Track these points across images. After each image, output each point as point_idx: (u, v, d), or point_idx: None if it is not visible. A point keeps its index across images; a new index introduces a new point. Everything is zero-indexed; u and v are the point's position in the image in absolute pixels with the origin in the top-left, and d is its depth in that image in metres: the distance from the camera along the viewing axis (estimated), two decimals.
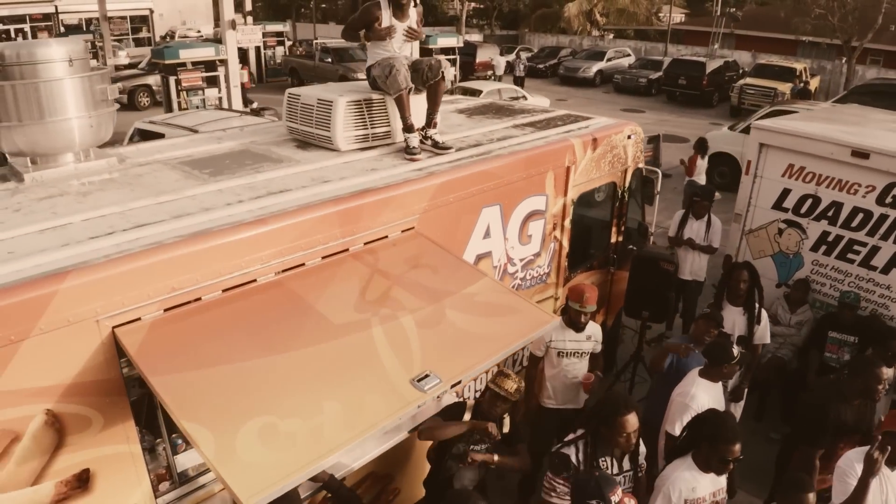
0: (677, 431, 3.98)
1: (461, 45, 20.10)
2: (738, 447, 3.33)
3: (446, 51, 19.47)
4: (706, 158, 11.53)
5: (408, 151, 4.07)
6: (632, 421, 3.26)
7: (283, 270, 2.98)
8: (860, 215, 5.91)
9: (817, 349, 6.02)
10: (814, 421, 4.42)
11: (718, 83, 23.81)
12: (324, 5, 40.85)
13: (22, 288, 2.29)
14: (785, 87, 20.90)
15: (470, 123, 5.20)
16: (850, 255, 6.07)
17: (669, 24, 30.61)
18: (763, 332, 5.31)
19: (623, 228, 5.88)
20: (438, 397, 3.12)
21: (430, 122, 4.28)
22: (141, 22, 35.29)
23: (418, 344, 2.70)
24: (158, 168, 3.71)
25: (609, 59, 28.50)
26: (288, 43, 30.79)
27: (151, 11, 36.16)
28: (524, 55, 25.98)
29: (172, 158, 3.92)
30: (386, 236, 3.44)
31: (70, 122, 3.45)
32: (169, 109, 13.68)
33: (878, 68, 23.98)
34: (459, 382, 2.62)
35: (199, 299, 2.69)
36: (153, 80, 18.90)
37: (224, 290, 2.77)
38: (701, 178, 11.21)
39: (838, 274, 6.19)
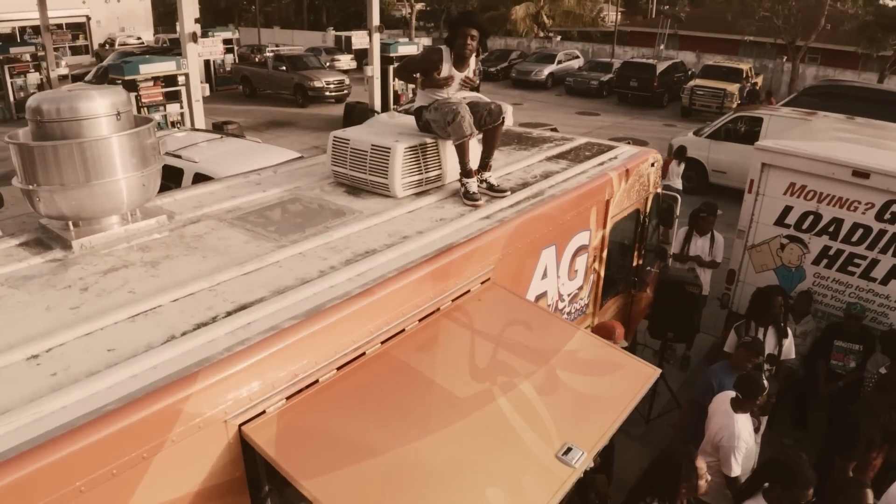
0: (736, 473, 4.13)
1: (421, 51, 19.96)
2: (811, 491, 3.47)
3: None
4: (682, 165, 11.89)
5: (468, 197, 4.01)
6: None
7: (387, 339, 2.90)
8: (860, 230, 6.21)
9: (823, 357, 6.33)
10: (846, 435, 4.66)
11: (668, 84, 24.57)
12: (268, 8, 39.94)
13: (152, 398, 2.09)
14: (733, 88, 21.74)
15: (501, 157, 5.18)
16: (850, 268, 6.38)
17: (616, 26, 31.36)
18: (789, 348, 5.53)
19: (643, 252, 5.99)
20: None
21: (485, 165, 4.23)
22: (77, 29, 33.64)
23: (546, 413, 2.67)
24: (215, 226, 3.53)
25: (560, 62, 28.96)
26: (238, 50, 29.95)
27: (88, 18, 34.53)
28: (480, 62, 26.00)
29: (222, 212, 3.74)
30: (468, 290, 3.40)
31: (119, 184, 3.19)
32: None
33: (817, 66, 25.24)
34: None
35: (316, 381, 2.59)
36: None
37: (338, 369, 2.67)
38: (676, 183, 11.54)
39: (839, 286, 6.50)
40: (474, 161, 4.18)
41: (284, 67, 22.41)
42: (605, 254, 5.05)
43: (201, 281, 2.83)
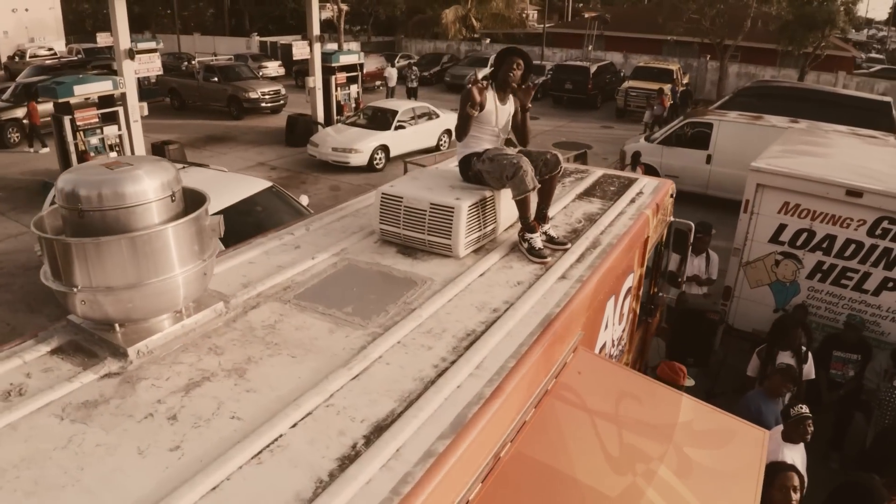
0: None
1: (362, 60, 19.54)
2: None
3: (348, 69, 18.90)
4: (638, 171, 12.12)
5: (534, 254, 3.83)
6: None
7: (514, 437, 2.69)
8: (852, 246, 6.50)
9: (823, 368, 6.58)
10: (880, 454, 4.85)
11: (601, 86, 25.23)
12: (185, 13, 37.91)
13: None
14: (665, 89, 22.53)
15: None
16: (843, 281, 6.66)
17: (545, 28, 31.88)
18: (809, 369, 5.70)
19: (658, 280, 6.01)
20: None
21: (543, 217, 4.07)
22: None
23: (695, 499, 2.55)
24: (282, 311, 3.17)
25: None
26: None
27: None
28: (416, 67, 25.78)
29: (278, 290, 3.39)
30: (566, 363, 3.23)
31: (177, 280, 2.72)
32: (64, 155, 12.07)
33: (738, 64, 26.53)
34: None
35: (468, 502, 2.35)
36: (22, 111, 16.57)
37: (482, 482, 2.44)
38: None
39: (833, 298, 6.78)
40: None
41: (216, 79, 21.40)
42: (640, 292, 5.02)
43: (311, 393, 2.50)
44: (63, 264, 2.60)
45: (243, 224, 8.21)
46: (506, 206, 4.16)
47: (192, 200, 2.99)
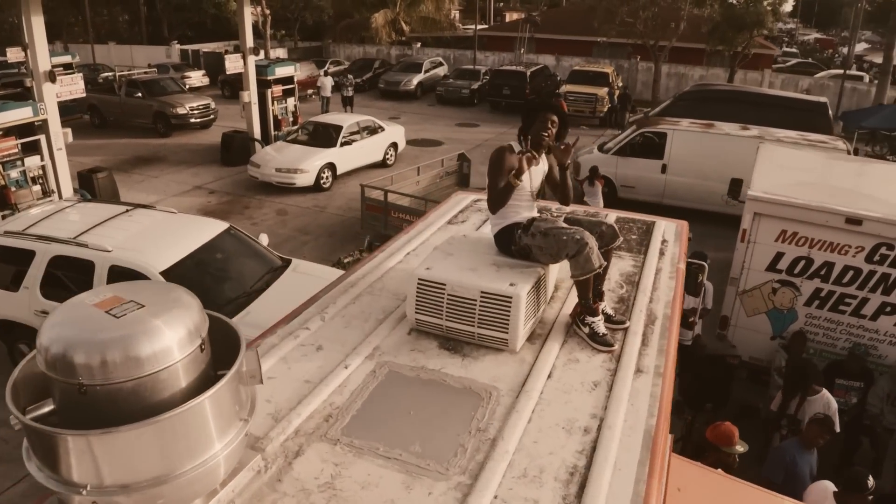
0: None
1: (297, 71, 18.63)
2: None
3: (284, 81, 17.95)
4: (595, 184, 12.02)
5: (599, 341, 3.35)
6: None
7: None
8: (850, 272, 6.44)
9: None
10: None
11: (537, 90, 25.18)
12: (98, 19, 35.14)
13: None
14: (603, 92, 22.73)
15: None
16: (841, 307, 6.60)
17: (476, 31, 31.64)
18: (834, 418, 5.55)
19: None
20: None
21: (600, 294, 3.64)
22: None
23: None
24: (331, 456, 2.54)
25: (427, 71, 28.68)
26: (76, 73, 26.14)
27: None
28: (352, 76, 24.92)
29: (318, 421, 2.75)
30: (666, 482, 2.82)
31: (217, 458, 2.04)
32: None
33: (667, 64, 27.01)
34: None
35: None
36: None
37: None
38: (596, 203, 11.67)
39: (830, 324, 6.71)
40: None
41: (140, 94, 19.89)
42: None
43: None
44: (62, 458, 1.89)
45: (203, 275, 7.42)
46: (552, 282, 3.71)
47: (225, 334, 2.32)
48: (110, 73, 25.30)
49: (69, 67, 21.43)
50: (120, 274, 6.85)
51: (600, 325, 3.41)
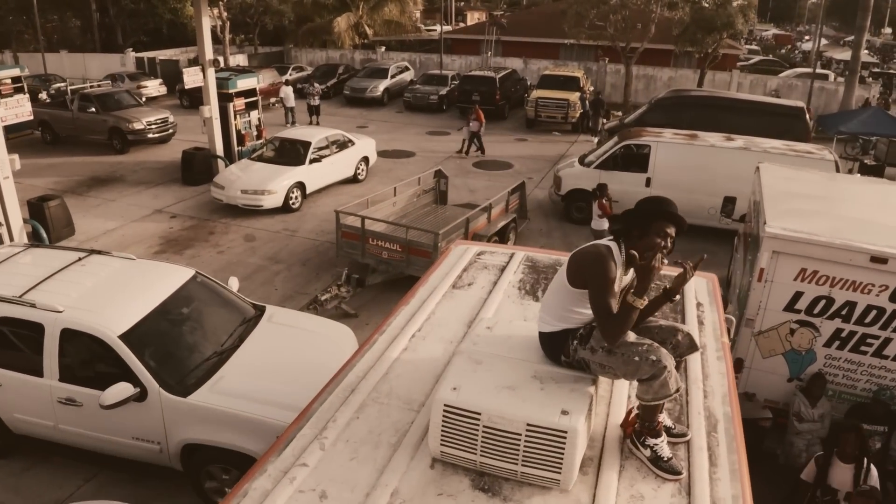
0: None
1: (260, 83, 17.74)
2: None
3: (247, 93, 17.04)
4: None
5: (664, 468, 2.78)
6: None
7: None
8: (873, 312, 6.03)
9: None
10: None
11: (507, 95, 24.69)
12: (49, 25, 33.22)
13: None
14: (574, 97, 22.33)
15: None
16: (863, 348, 6.19)
17: (441, 35, 30.99)
18: (874, 478, 5.12)
19: None
20: None
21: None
22: None
23: None
24: None
25: (393, 76, 27.92)
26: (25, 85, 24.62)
27: None
28: (318, 84, 24.02)
29: None
30: None
31: None
32: None
33: (638, 65, 26.76)
34: None
35: None
36: None
37: None
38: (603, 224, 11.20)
39: (851, 365, 6.31)
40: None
41: (94, 109, 18.71)
42: None
43: None
44: None
45: (167, 335, 6.65)
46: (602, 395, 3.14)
47: None
48: (62, 84, 23.93)
49: (18, 81, 20.14)
50: (73, 337, 6.07)
51: (664, 449, 2.85)
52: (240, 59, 30.09)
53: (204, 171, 15.91)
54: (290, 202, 14.22)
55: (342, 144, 15.92)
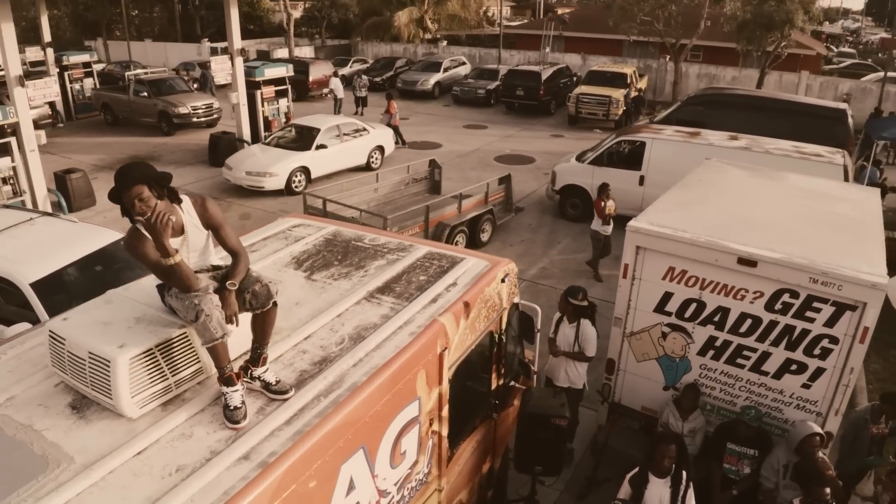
0: None
1: (291, 73, 18.38)
2: None
3: (276, 82, 17.75)
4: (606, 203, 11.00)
5: (226, 416, 2.87)
6: None
7: None
8: (748, 321, 5.49)
9: (717, 459, 5.60)
10: None
11: (554, 91, 24.18)
12: (138, 19, 36.22)
13: None
14: (618, 94, 21.54)
15: (312, 298, 3.98)
16: (739, 360, 5.66)
17: (501, 30, 30.76)
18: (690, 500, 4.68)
19: (503, 371, 5.01)
20: None
21: (257, 358, 3.08)
22: None
23: None
24: None
25: (446, 70, 28.06)
26: (106, 68, 26.93)
27: None
28: (365, 76, 24.56)
29: None
30: None
31: None
32: None
33: (700, 64, 25.52)
34: None
35: None
36: None
37: None
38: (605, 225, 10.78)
39: (728, 378, 5.78)
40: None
41: (146, 93, 20.15)
42: (444, 411, 4.00)
43: None
44: None
45: (80, 287, 7.18)
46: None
47: None
48: (142, 71, 25.87)
49: (87, 65, 22.05)
50: None
51: (232, 398, 2.90)
52: (305, 51, 31.23)
53: (228, 154, 16.67)
54: (294, 185, 14.67)
55: (355, 133, 16.22)
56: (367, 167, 16.45)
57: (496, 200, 12.47)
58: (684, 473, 4.73)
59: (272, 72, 17.46)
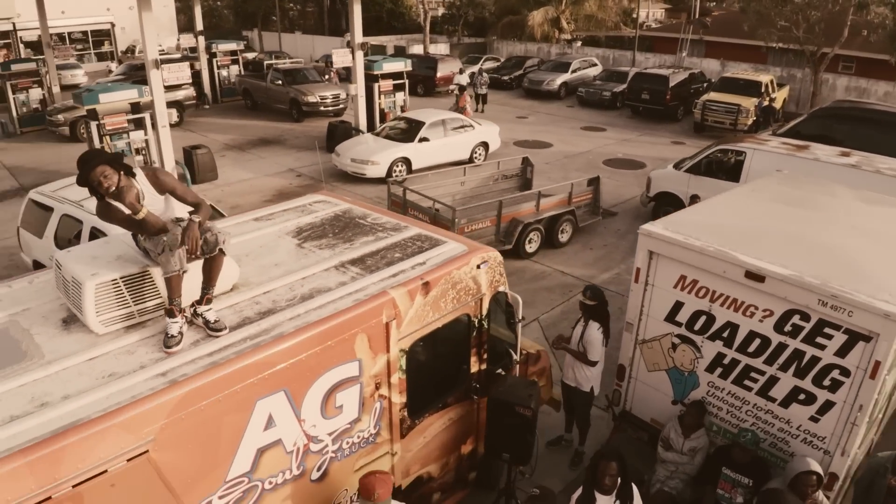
0: None
1: (409, 68, 19.23)
2: None
3: (394, 76, 18.68)
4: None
5: (164, 342, 3.47)
6: None
7: None
8: (757, 340, 5.22)
9: (711, 483, 5.37)
10: None
11: (683, 97, 23.11)
12: (292, 13, 39.55)
13: None
14: (749, 104, 20.20)
15: (291, 261, 4.46)
16: (746, 382, 5.39)
17: (637, 32, 29.82)
18: None
19: (486, 356, 5.18)
20: None
21: (202, 298, 3.65)
22: (103, 35, 34.26)
23: None
24: None
25: (574, 71, 27.73)
26: (256, 56, 29.73)
27: (113, 25, 35.18)
28: (486, 73, 25.02)
29: None
30: (105, 471, 2.87)
31: None
32: None
33: (850, 76, 23.17)
34: None
35: None
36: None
37: None
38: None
39: (735, 400, 5.52)
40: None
41: (281, 81, 22.03)
42: (396, 377, 4.30)
43: None
44: None
45: None
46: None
47: None
48: (285, 61, 28.23)
49: (234, 53, 24.49)
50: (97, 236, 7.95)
51: (172, 328, 3.49)
52: (441, 48, 32.23)
53: (343, 140, 17.89)
54: (395, 174, 15.42)
55: (462, 128, 16.69)
56: (469, 161, 16.87)
57: (581, 202, 12.33)
58: (634, 487, 4.64)
59: (390, 66, 18.39)
